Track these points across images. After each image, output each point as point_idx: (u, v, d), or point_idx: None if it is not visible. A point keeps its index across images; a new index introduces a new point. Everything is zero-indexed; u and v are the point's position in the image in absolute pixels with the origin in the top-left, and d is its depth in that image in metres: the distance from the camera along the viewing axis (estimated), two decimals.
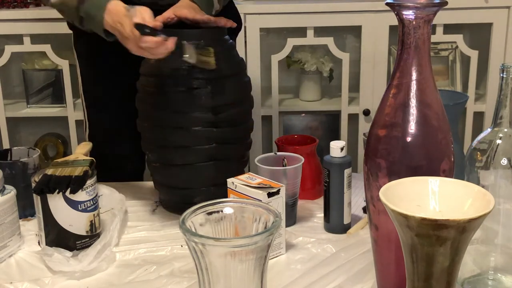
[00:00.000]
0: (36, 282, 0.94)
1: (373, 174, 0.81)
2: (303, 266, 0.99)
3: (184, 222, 0.67)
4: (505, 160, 0.84)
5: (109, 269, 1.00)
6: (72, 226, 1.02)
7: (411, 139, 0.78)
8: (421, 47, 0.77)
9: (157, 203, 1.24)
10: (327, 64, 2.36)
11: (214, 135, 1.14)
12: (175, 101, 1.12)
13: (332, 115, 2.43)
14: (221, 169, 1.16)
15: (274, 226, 0.66)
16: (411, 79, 0.78)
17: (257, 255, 0.66)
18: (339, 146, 1.07)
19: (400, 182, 0.68)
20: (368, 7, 2.18)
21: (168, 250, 1.05)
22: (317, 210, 1.19)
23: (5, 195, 1.02)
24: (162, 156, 1.18)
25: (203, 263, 0.66)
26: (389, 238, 0.81)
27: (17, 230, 1.05)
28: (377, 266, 0.87)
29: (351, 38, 2.44)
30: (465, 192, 0.66)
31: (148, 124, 1.18)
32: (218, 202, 0.72)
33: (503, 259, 0.88)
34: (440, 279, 0.63)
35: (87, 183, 1.02)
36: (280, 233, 1.02)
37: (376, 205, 0.81)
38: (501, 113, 0.84)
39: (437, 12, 0.76)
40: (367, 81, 2.26)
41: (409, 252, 0.63)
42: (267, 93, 2.32)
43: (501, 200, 0.85)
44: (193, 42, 1.09)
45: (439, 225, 0.59)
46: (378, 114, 0.81)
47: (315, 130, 2.44)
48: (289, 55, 2.30)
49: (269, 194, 0.98)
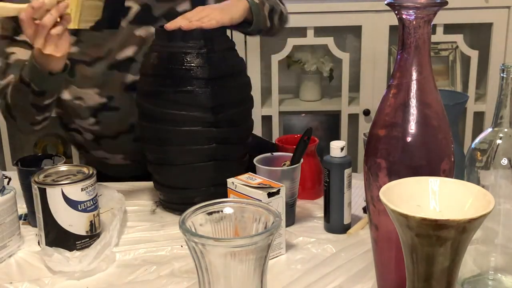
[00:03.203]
0: (36, 282, 0.94)
1: (373, 174, 0.80)
2: (303, 266, 0.99)
3: (184, 222, 0.67)
4: (505, 160, 0.84)
5: (109, 269, 1.00)
6: (72, 226, 1.02)
7: (411, 139, 0.78)
8: (421, 47, 0.77)
9: (157, 203, 1.24)
10: (327, 64, 2.36)
11: (214, 135, 1.14)
12: (175, 101, 1.12)
13: (332, 115, 2.43)
14: (221, 169, 1.16)
15: (274, 226, 0.66)
16: (411, 79, 0.78)
17: (257, 255, 0.66)
18: (339, 146, 1.07)
19: (400, 182, 0.68)
20: (368, 7, 2.18)
21: (168, 250, 1.05)
22: (317, 210, 1.19)
23: (5, 195, 1.02)
24: (162, 156, 1.18)
25: (203, 263, 0.66)
26: (389, 238, 0.81)
27: (17, 230, 1.05)
28: (377, 266, 0.87)
29: (351, 38, 2.44)
30: (465, 192, 0.66)
31: (148, 124, 1.18)
32: (218, 202, 0.72)
33: (503, 259, 0.88)
34: (440, 279, 0.63)
35: (87, 183, 1.02)
36: (280, 233, 1.02)
37: (376, 205, 0.81)
38: (501, 113, 0.84)
39: (437, 12, 0.76)
40: (367, 81, 2.26)
41: (409, 252, 0.63)
42: (267, 93, 2.32)
43: (501, 200, 0.85)
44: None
45: (439, 225, 0.59)
46: (378, 114, 0.81)
47: (315, 130, 2.45)
48: (289, 55, 2.30)
49: (269, 194, 0.98)
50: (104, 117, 1.36)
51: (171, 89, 1.12)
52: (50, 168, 1.07)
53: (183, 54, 1.12)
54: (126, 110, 1.34)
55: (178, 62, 1.12)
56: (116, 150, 1.42)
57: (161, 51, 1.14)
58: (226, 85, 1.14)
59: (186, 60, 1.11)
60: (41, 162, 1.16)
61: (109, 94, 1.33)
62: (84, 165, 1.08)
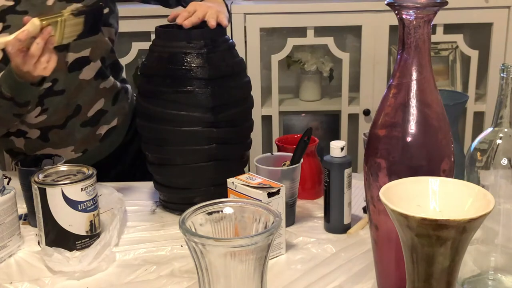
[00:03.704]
0: (36, 282, 0.94)
1: (373, 174, 0.80)
2: (303, 266, 0.99)
3: (184, 222, 0.67)
4: (505, 160, 0.84)
5: (109, 269, 1.00)
6: (72, 226, 1.02)
7: (411, 139, 0.78)
8: (421, 47, 0.77)
9: (157, 203, 1.24)
10: (327, 64, 2.36)
11: (214, 135, 1.14)
12: (175, 101, 1.12)
13: (332, 115, 2.43)
14: (221, 169, 1.16)
15: (274, 226, 0.66)
16: (411, 79, 0.78)
17: (257, 255, 0.66)
18: (339, 146, 1.07)
19: (400, 182, 0.68)
20: (368, 7, 2.18)
21: (168, 250, 1.05)
22: (317, 210, 1.19)
23: (5, 195, 1.02)
24: (162, 156, 1.18)
25: (203, 263, 0.66)
26: (389, 238, 0.81)
27: (17, 230, 1.05)
28: (377, 266, 0.87)
29: (351, 38, 2.44)
30: (465, 192, 0.66)
31: (148, 124, 1.18)
32: (218, 202, 0.72)
33: (503, 259, 0.88)
34: (440, 279, 0.63)
35: (87, 183, 1.02)
36: (280, 233, 1.02)
37: (376, 205, 0.81)
38: (501, 113, 0.84)
39: (437, 12, 0.76)
40: (367, 81, 2.26)
41: (409, 252, 0.63)
42: (267, 93, 2.32)
43: (501, 200, 0.85)
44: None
45: (439, 225, 0.59)
46: (378, 114, 0.81)
47: (315, 130, 2.44)
48: (289, 55, 2.30)
49: (269, 194, 0.98)
50: (51, 102, 1.34)
51: (171, 89, 1.12)
52: (50, 168, 1.07)
53: (183, 54, 1.12)
54: (71, 91, 1.34)
55: (178, 62, 1.12)
56: (65, 142, 1.40)
57: (161, 51, 1.14)
58: (226, 85, 1.14)
59: (186, 60, 1.11)
60: (41, 162, 1.16)
61: (53, 77, 1.31)
62: (84, 165, 1.07)
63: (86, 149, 1.42)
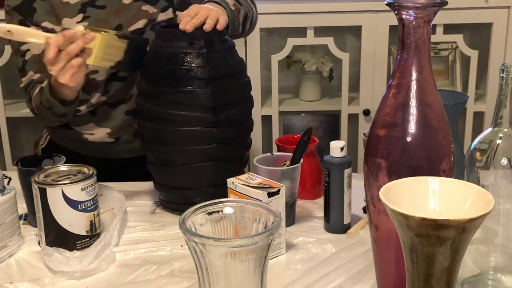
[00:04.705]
0: (36, 282, 0.94)
1: (373, 174, 0.81)
2: (303, 266, 0.99)
3: (184, 222, 0.67)
4: (505, 160, 0.84)
5: (109, 269, 1.00)
6: (72, 226, 1.02)
7: (411, 139, 0.78)
8: (421, 47, 0.77)
9: (157, 203, 1.24)
10: (327, 64, 2.36)
11: (214, 135, 1.14)
12: (175, 101, 1.12)
13: (332, 115, 2.43)
14: (221, 169, 1.16)
15: (274, 226, 0.66)
16: (411, 79, 0.78)
17: (257, 255, 0.66)
18: (339, 146, 1.07)
19: (400, 182, 0.68)
20: (368, 7, 2.18)
21: (168, 250, 1.05)
22: (317, 210, 1.19)
23: (5, 195, 1.02)
24: (162, 156, 1.18)
25: (203, 263, 0.66)
26: (389, 238, 0.81)
27: (17, 230, 1.05)
28: (377, 266, 0.87)
29: (351, 38, 2.44)
30: (465, 192, 0.66)
31: (148, 124, 1.18)
32: (218, 202, 0.72)
33: (503, 259, 0.88)
34: (440, 279, 0.63)
35: (87, 183, 1.02)
36: (280, 233, 1.02)
37: (376, 205, 0.81)
38: (501, 113, 0.84)
39: (437, 12, 0.76)
40: (367, 81, 2.26)
41: (409, 252, 0.63)
42: (267, 93, 2.32)
43: (501, 200, 0.85)
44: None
45: (439, 225, 0.59)
46: (378, 114, 0.81)
47: (315, 130, 2.44)
48: (289, 55, 2.30)
49: (269, 194, 0.98)
50: (114, 86, 1.37)
51: (171, 89, 1.12)
52: (50, 168, 1.07)
53: (184, 54, 1.12)
54: (132, 78, 1.36)
55: (179, 62, 1.12)
56: (106, 123, 1.41)
57: (161, 51, 1.14)
58: (226, 85, 1.14)
59: (186, 60, 1.12)
60: (41, 162, 1.16)
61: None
62: (84, 165, 1.08)
63: (120, 137, 1.42)
